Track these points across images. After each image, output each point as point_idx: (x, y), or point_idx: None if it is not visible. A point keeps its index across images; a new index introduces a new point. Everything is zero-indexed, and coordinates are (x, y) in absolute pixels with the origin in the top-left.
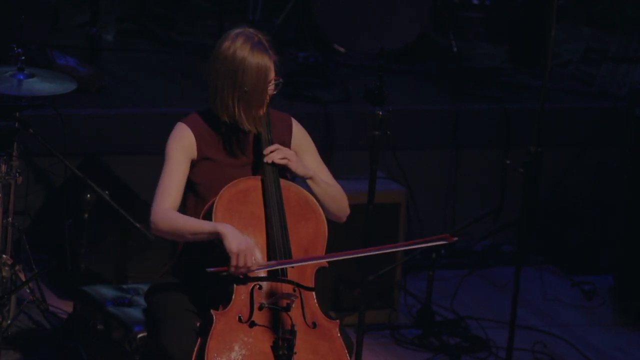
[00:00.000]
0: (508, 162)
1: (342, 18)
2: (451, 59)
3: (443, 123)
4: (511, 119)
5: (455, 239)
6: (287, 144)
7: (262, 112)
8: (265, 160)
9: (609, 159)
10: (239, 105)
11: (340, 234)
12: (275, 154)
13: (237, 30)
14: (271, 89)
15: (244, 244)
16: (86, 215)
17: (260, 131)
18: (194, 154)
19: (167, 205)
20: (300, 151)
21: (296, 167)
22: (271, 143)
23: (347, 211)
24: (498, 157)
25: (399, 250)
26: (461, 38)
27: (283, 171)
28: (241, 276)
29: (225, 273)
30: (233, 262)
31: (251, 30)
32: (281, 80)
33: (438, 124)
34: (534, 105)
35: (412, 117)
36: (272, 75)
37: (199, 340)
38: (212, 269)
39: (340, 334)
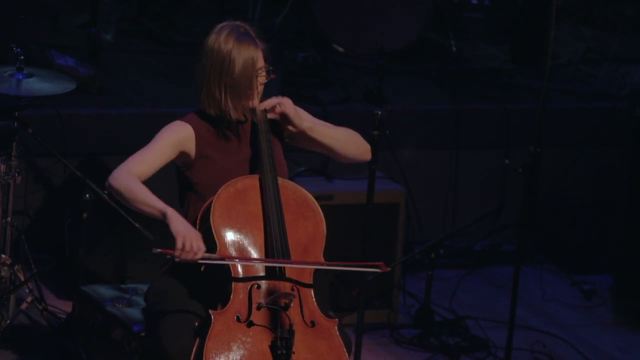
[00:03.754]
0: (507, 162)
1: (342, 18)
2: (451, 59)
3: (443, 123)
4: (511, 119)
5: (388, 269)
6: (282, 129)
7: (253, 103)
8: (260, 107)
9: (609, 159)
10: (226, 95)
11: (339, 233)
12: (271, 104)
13: (222, 24)
14: (262, 77)
15: (190, 229)
16: (85, 215)
17: (256, 122)
18: (190, 149)
19: (133, 171)
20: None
21: (295, 116)
22: (268, 134)
23: (367, 147)
24: (498, 157)
25: (329, 268)
26: (461, 38)
27: (279, 139)
28: (185, 260)
29: (169, 256)
30: (178, 245)
31: (237, 22)
32: (271, 67)
33: (438, 124)
34: (534, 105)
35: (412, 117)
36: (260, 63)
37: (197, 340)
38: (158, 250)
39: (339, 333)
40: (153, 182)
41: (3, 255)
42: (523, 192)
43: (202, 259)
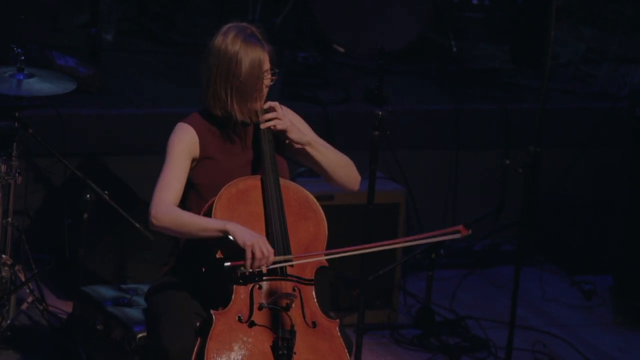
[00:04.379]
0: (507, 162)
1: (342, 18)
2: (451, 59)
3: (443, 123)
4: (511, 119)
5: (469, 231)
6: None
7: (258, 105)
8: (261, 126)
9: (609, 159)
10: (232, 97)
11: (339, 233)
12: (269, 122)
13: (229, 25)
14: (267, 79)
15: (256, 236)
16: (86, 215)
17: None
18: (196, 153)
19: (169, 201)
20: None
21: (292, 133)
22: (270, 135)
23: (357, 178)
24: (498, 157)
25: (412, 244)
26: (461, 38)
27: (280, 145)
28: (258, 270)
29: (242, 268)
30: (249, 255)
31: (244, 23)
32: (277, 70)
33: (438, 124)
34: (534, 105)
35: (412, 117)
36: (266, 65)
37: (198, 340)
38: (229, 264)
39: (340, 333)
40: (154, 182)
41: (4, 256)
42: (523, 192)
43: (275, 262)
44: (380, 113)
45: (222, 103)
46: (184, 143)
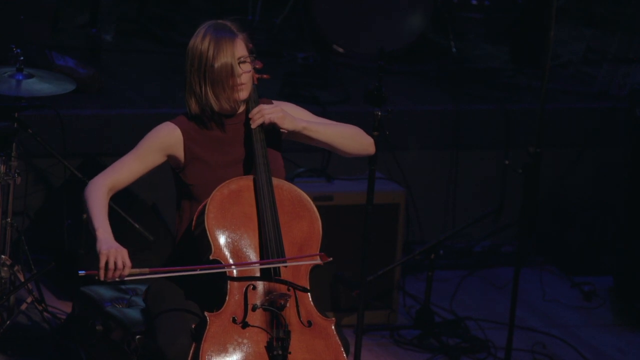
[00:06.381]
0: (507, 162)
1: (342, 19)
2: (451, 60)
3: (443, 123)
4: (511, 119)
5: (330, 259)
6: (279, 129)
7: (241, 95)
8: (252, 126)
9: (609, 159)
10: (206, 86)
11: (339, 234)
12: (257, 118)
13: (201, 25)
14: (245, 64)
15: (114, 247)
16: (85, 216)
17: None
18: (179, 153)
19: (107, 182)
20: None
21: (283, 122)
22: (261, 134)
23: (369, 141)
24: (498, 158)
25: (272, 267)
26: (461, 39)
27: (276, 142)
28: (112, 279)
29: (96, 277)
30: (101, 264)
31: (216, 20)
32: (254, 54)
33: (438, 124)
34: (534, 105)
35: (412, 117)
36: (240, 51)
37: (194, 342)
38: (83, 272)
39: (336, 332)
40: (155, 183)
41: (3, 256)
42: (523, 192)
43: (130, 275)
44: (379, 113)
45: (197, 96)
46: (160, 139)
